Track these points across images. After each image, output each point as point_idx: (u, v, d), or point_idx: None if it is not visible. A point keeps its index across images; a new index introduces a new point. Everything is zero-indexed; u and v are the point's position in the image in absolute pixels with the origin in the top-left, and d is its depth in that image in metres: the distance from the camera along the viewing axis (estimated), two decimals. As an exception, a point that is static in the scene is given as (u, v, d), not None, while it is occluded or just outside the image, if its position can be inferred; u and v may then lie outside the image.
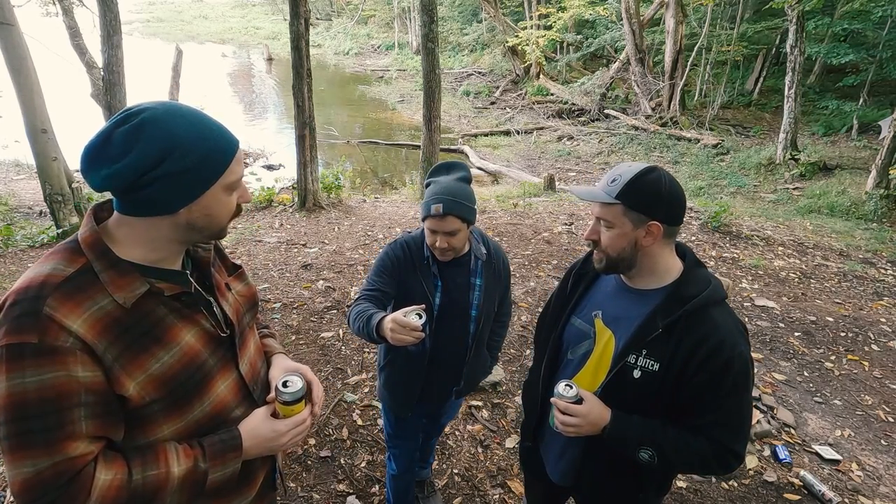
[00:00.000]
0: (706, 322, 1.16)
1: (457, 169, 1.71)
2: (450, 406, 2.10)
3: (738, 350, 1.15)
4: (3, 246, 5.25)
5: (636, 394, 1.22)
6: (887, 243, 7.11)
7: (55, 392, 0.79)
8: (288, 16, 6.44)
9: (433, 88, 6.96)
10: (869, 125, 12.18)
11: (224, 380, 1.02)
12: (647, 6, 15.40)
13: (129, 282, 0.87)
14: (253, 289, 1.18)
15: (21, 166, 9.89)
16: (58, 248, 0.89)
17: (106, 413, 0.85)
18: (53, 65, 8.41)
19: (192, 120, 0.87)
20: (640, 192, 1.17)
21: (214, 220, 0.93)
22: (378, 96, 19.06)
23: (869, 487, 2.68)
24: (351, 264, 4.95)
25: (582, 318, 1.36)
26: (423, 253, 1.71)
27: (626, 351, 1.22)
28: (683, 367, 1.16)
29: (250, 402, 1.07)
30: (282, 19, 31.03)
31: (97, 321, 0.83)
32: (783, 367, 3.72)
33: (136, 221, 0.89)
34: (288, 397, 1.02)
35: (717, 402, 1.16)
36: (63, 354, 0.79)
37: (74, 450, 0.81)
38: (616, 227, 1.20)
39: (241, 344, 1.08)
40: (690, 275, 1.24)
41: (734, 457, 1.18)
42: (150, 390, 0.88)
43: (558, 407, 1.23)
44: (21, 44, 5.29)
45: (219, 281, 1.08)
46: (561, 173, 11.57)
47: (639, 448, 1.20)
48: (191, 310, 0.97)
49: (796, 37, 10.21)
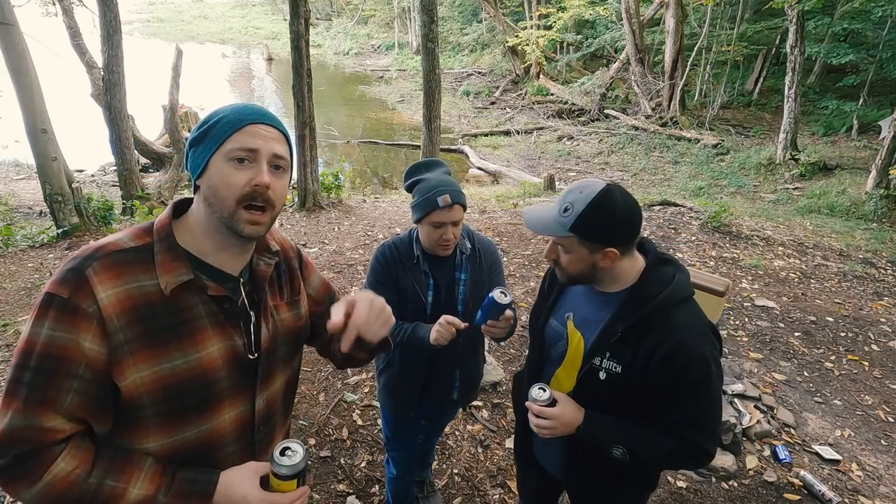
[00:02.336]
0: (665, 324, 1.17)
1: (437, 165, 1.73)
2: (449, 408, 2.10)
3: (697, 351, 1.15)
4: (3, 246, 5.25)
5: (604, 394, 1.25)
6: (887, 243, 7.11)
7: (59, 352, 0.79)
8: (288, 16, 6.43)
9: (433, 88, 6.96)
10: (869, 125, 12.18)
11: (232, 409, 0.95)
12: (647, 6, 15.40)
13: (177, 267, 0.87)
14: (302, 321, 1.09)
15: (21, 166, 9.89)
16: (137, 225, 0.93)
17: (95, 395, 0.82)
18: (53, 65, 8.41)
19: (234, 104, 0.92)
20: (593, 224, 1.15)
21: (217, 194, 0.87)
22: (378, 96, 19.06)
23: (869, 487, 2.68)
24: (351, 264, 4.95)
25: (557, 320, 1.39)
26: (412, 253, 1.72)
27: (591, 353, 1.25)
28: (643, 369, 1.18)
29: (247, 442, 0.99)
30: (282, 19, 31.03)
31: (128, 298, 0.83)
32: (783, 367, 3.72)
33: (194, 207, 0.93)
34: (283, 471, 0.86)
35: (679, 403, 1.18)
36: (80, 318, 0.80)
37: (49, 420, 0.79)
38: (573, 254, 1.21)
39: (267, 376, 0.99)
40: (651, 275, 1.23)
41: (703, 454, 1.21)
42: (148, 390, 0.84)
43: (532, 410, 1.26)
44: (21, 44, 5.29)
45: (268, 301, 1.01)
46: (561, 173, 11.57)
47: (611, 446, 1.23)
48: (228, 319, 0.92)
49: (796, 37, 10.21)
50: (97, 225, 5.79)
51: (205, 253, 0.92)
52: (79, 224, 5.63)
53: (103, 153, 9.76)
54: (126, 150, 6.90)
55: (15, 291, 4.23)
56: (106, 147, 7.21)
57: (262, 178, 0.87)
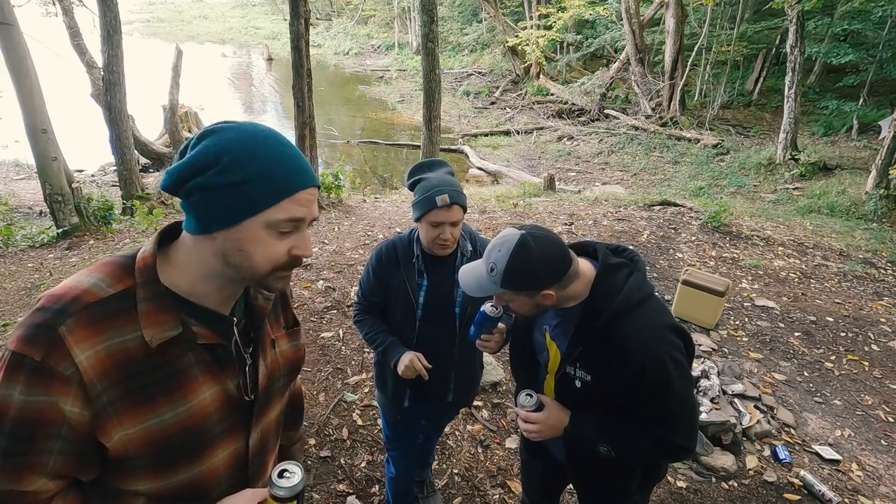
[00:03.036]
0: (619, 331, 1.21)
1: (440, 165, 1.73)
2: (446, 409, 2.10)
3: (651, 353, 1.18)
4: (3, 246, 5.25)
5: (582, 399, 1.31)
6: (887, 243, 7.11)
7: (36, 416, 0.73)
8: (288, 16, 6.44)
9: (433, 88, 6.96)
10: (869, 125, 12.19)
11: (224, 449, 0.89)
12: (647, 6, 15.40)
13: (164, 319, 0.79)
14: (301, 352, 1.05)
15: (21, 166, 9.89)
16: (111, 261, 0.82)
17: (79, 454, 0.77)
18: (53, 65, 8.41)
19: (259, 140, 0.78)
20: (518, 277, 1.21)
21: (249, 260, 0.79)
22: (378, 96, 19.06)
23: (869, 487, 2.68)
24: (351, 264, 4.95)
25: (538, 332, 1.45)
26: (411, 252, 1.72)
27: (563, 363, 1.33)
28: (606, 377, 1.24)
29: (241, 476, 0.95)
30: (282, 19, 31.03)
31: (109, 357, 0.76)
32: (783, 367, 3.72)
33: (189, 241, 0.82)
34: (282, 493, 0.85)
35: (643, 403, 1.23)
36: (58, 382, 0.72)
37: (31, 484, 0.75)
38: (515, 302, 1.28)
39: (262, 412, 0.95)
40: (601, 286, 1.27)
41: (679, 449, 1.26)
42: (135, 446, 0.79)
43: (520, 416, 1.34)
44: (21, 44, 5.29)
45: (266, 334, 0.95)
46: (561, 173, 11.58)
47: (598, 444, 1.30)
48: (220, 365, 0.86)
49: (796, 37, 10.22)
50: (97, 225, 5.79)
51: (198, 296, 0.83)
52: (79, 224, 5.64)
53: (103, 153, 9.77)
54: (126, 150, 6.90)
55: (15, 291, 4.23)
56: (106, 147, 7.22)
57: (308, 251, 0.82)
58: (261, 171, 0.76)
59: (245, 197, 0.76)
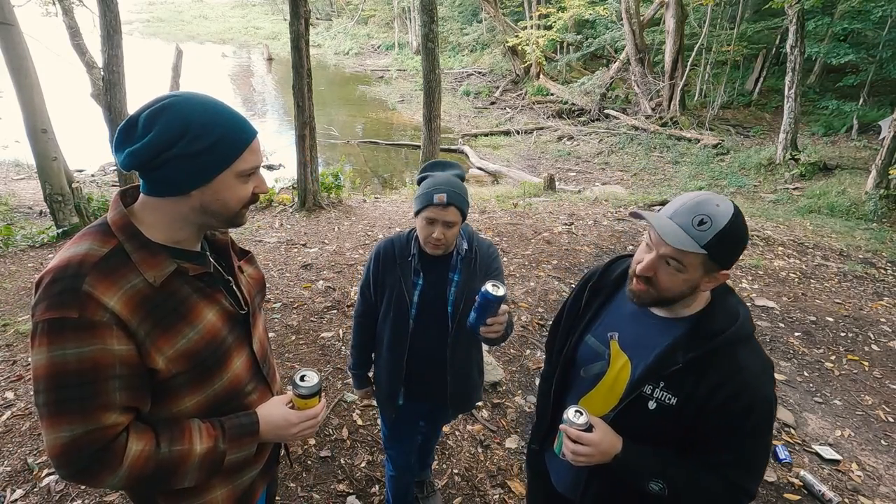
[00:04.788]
0: (731, 362, 1.08)
1: (452, 166, 1.72)
2: (444, 410, 2.09)
3: (761, 394, 1.08)
4: (3, 246, 5.25)
5: (650, 425, 1.15)
6: (887, 243, 7.11)
7: (93, 364, 0.85)
8: (288, 16, 6.43)
9: (433, 88, 6.96)
10: (869, 125, 12.18)
11: (239, 356, 1.09)
12: (647, 6, 15.40)
13: (159, 261, 0.94)
14: (261, 273, 1.27)
15: (21, 166, 9.88)
16: (88, 230, 0.94)
17: (138, 385, 0.92)
18: (53, 65, 8.41)
19: (209, 107, 0.92)
20: (729, 244, 1.04)
21: (227, 205, 0.97)
22: (378, 96, 19.05)
23: (869, 487, 2.68)
24: (351, 264, 4.95)
25: (596, 338, 1.28)
26: (408, 250, 1.72)
27: (642, 380, 1.15)
28: (703, 405, 1.09)
29: (260, 378, 1.15)
30: (282, 19, 31.04)
31: (130, 298, 0.89)
32: (783, 367, 3.72)
33: (158, 203, 0.95)
34: (304, 391, 1.09)
35: (734, 443, 1.10)
36: (101, 329, 0.85)
37: (107, 419, 0.88)
38: (686, 273, 1.07)
39: (253, 323, 1.15)
40: (719, 306, 1.14)
41: (746, 495, 1.13)
42: (177, 364, 0.95)
43: (569, 435, 1.15)
44: (21, 44, 5.29)
45: (234, 262, 1.15)
46: (561, 173, 11.58)
47: (650, 480, 1.14)
48: (212, 289, 1.04)
49: (796, 37, 10.21)
50: (97, 225, 5.79)
51: (175, 241, 0.99)
52: (79, 224, 5.63)
53: (103, 153, 9.77)
54: (125, 150, 6.88)
55: (15, 291, 4.23)
56: (106, 147, 7.22)
57: (266, 187, 1.04)
58: (222, 133, 0.92)
59: (215, 157, 0.92)
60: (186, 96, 0.92)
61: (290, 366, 3.29)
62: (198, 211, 0.96)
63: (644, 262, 1.10)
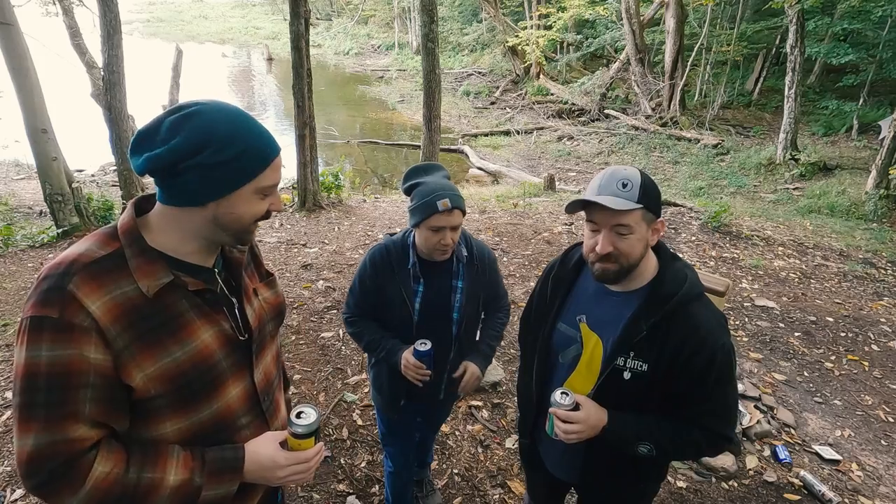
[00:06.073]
0: (688, 320, 1.19)
1: (436, 168, 1.71)
2: (439, 406, 2.09)
3: (719, 343, 1.19)
4: (3, 246, 5.25)
5: (629, 393, 1.25)
6: (887, 243, 7.11)
7: (65, 369, 0.81)
8: (288, 16, 6.43)
9: (433, 88, 6.95)
10: (869, 125, 12.18)
11: (235, 386, 1.01)
12: (647, 6, 15.39)
13: (155, 270, 0.89)
14: (281, 298, 1.18)
15: (21, 166, 9.88)
16: (97, 232, 0.92)
17: (110, 399, 0.86)
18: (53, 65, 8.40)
19: (235, 119, 0.89)
20: (653, 193, 1.18)
21: (240, 219, 0.94)
22: (378, 96, 19.04)
23: (869, 487, 2.68)
24: (351, 264, 4.95)
25: (567, 323, 1.36)
26: (406, 258, 1.69)
27: (614, 354, 1.24)
28: (670, 365, 1.20)
29: (258, 412, 1.06)
30: (282, 19, 31.00)
31: (116, 305, 0.85)
32: (783, 367, 3.72)
33: (171, 211, 0.92)
34: (299, 430, 0.97)
35: (704, 394, 1.21)
36: (79, 333, 0.81)
37: (74, 431, 0.83)
38: (635, 233, 1.18)
39: (259, 351, 1.07)
40: (667, 271, 1.26)
41: (725, 440, 1.25)
42: (156, 384, 0.88)
43: (558, 416, 1.24)
44: (21, 44, 5.28)
45: (248, 285, 1.08)
46: (561, 173, 11.57)
47: (637, 444, 1.24)
48: (212, 308, 0.97)
49: (796, 37, 10.21)
50: (97, 225, 5.79)
51: (182, 253, 0.95)
52: (79, 224, 5.63)
53: (103, 153, 9.75)
54: (126, 150, 6.87)
55: (15, 291, 4.23)
56: (106, 147, 7.20)
57: (280, 205, 1.00)
58: (245, 146, 0.89)
59: (237, 171, 0.89)
60: (214, 105, 0.89)
61: (290, 366, 3.29)
62: (210, 223, 0.92)
63: (600, 242, 1.19)
